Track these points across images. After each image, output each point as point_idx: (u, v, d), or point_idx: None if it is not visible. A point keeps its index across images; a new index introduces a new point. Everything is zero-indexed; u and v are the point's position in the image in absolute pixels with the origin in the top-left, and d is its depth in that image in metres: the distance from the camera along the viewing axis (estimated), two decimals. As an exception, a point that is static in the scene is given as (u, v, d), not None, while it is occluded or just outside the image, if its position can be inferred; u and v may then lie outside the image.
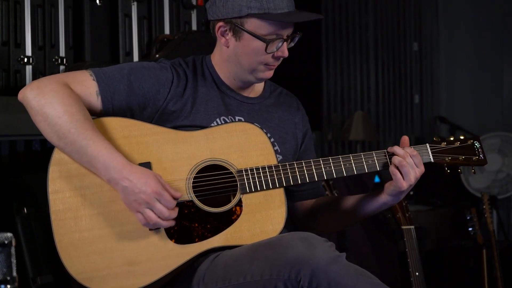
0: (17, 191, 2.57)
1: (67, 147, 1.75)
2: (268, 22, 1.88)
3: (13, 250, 1.49)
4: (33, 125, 1.85)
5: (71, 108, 1.76)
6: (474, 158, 1.98)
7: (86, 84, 1.85)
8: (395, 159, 1.88)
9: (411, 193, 4.22)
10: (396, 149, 1.90)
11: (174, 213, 1.75)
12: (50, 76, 1.86)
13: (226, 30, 1.93)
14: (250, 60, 1.94)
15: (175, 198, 1.75)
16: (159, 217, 1.72)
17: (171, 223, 1.76)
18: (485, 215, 3.68)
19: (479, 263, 3.63)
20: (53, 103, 1.75)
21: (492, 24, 5.32)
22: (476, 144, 1.99)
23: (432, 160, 1.95)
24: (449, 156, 1.96)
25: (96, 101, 1.85)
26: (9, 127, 2.51)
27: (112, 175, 1.72)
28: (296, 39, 1.95)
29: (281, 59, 1.96)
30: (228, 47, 1.95)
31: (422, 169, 1.90)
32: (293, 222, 2.08)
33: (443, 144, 1.97)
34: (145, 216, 1.72)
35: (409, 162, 1.87)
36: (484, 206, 3.67)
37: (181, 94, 1.94)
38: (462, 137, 2.00)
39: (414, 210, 4.15)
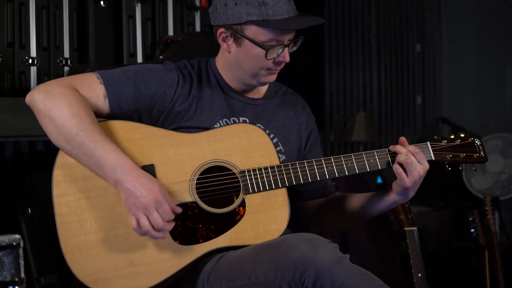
0: (21, 191, 2.59)
1: (74, 149, 1.76)
2: (267, 29, 1.88)
3: (21, 251, 1.50)
4: (37, 126, 1.86)
5: (79, 111, 1.77)
6: (475, 155, 1.99)
7: (93, 87, 1.86)
8: (399, 157, 1.89)
9: (413, 194, 4.21)
10: (398, 147, 1.91)
11: (169, 227, 1.74)
12: (57, 79, 1.87)
13: (227, 36, 1.94)
14: (251, 66, 1.95)
15: (174, 212, 1.75)
16: (152, 226, 1.72)
17: (162, 236, 1.74)
18: (487, 217, 3.68)
19: (481, 265, 3.63)
20: (61, 106, 1.76)
21: (495, 25, 5.32)
22: (476, 142, 2.01)
23: (433, 158, 1.95)
24: (450, 154, 1.97)
25: (103, 104, 1.86)
26: (13, 128, 2.52)
27: (119, 177, 1.73)
28: (299, 43, 1.96)
29: (283, 63, 1.96)
30: (230, 52, 1.96)
31: (426, 166, 1.89)
32: (299, 222, 2.08)
33: (444, 142, 1.98)
34: (140, 221, 1.72)
35: (412, 160, 1.88)
36: (486, 208, 3.67)
37: (186, 95, 1.95)
38: (462, 135, 2.01)
39: (416, 211, 4.15)
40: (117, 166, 1.73)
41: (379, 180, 4.27)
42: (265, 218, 1.86)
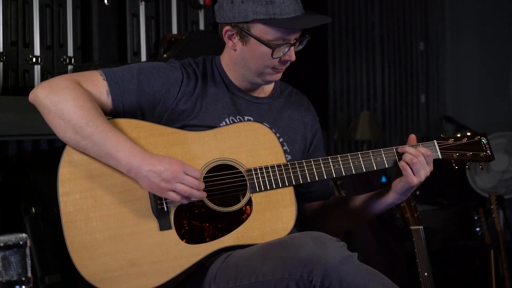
0: (25, 190, 2.59)
1: (83, 140, 1.75)
2: (274, 27, 1.87)
3: (28, 250, 1.48)
4: (40, 124, 1.85)
5: (86, 104, 1.76)
6: (481, 154, 1.99)
7: (96, 83, 1.85)
8: (406, 157, 1.89)
9: (417, 192, 4.21)
10: (407, 148, 1.91)
11: (203, 185, 1.76)
12: (60, 75, 1.86)
13: (233, 34, 1.93)
14: (257, 64, 1.94)
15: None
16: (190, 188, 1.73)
17: (203, 194, 1.77)
18: (493, 215, 3.67)
19: (486, 263, 3.63)
20: (67, 99, 1.76)
21: (498, 23, 5.31)
22: (483, 140, 2.01)
23: (440, 156, 1.96)
24: (457, 153, 1.97)
25: (106, 101, 1.85)
26: (17, 127, 2.52)
27: (133, 163, 1.73)
28: (305, 42, 1.95)
29: (289, 62, 1.95)
30: (235, 50, 1.95)
31: (431, 167, 1.91)
32: (302, 223, 2.07)
33: (451, 141, 1.98)
34: (178, 191, 1.73)
35: (420, 161, 1.88)
36: (491, 206, 3.66)
37: (191, 93, 1.94)
38: (469, 134, 2.02)
39: (420, 210, 4.13)
40: (130, 153, 1.73)
41: (384, 179, 4.26)
42: (272, 217, 1.85)
